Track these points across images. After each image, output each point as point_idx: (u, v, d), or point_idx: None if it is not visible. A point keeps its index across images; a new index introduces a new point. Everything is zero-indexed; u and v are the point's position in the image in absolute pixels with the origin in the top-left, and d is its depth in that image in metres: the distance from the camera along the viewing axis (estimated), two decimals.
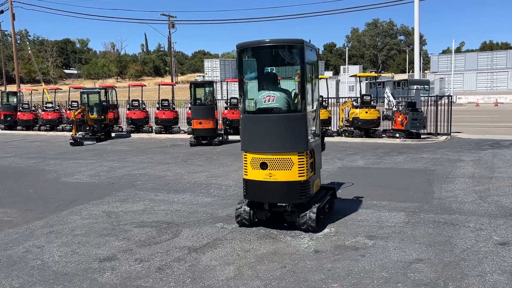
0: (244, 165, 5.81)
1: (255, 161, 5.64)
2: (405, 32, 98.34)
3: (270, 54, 6.06)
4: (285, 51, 5.86)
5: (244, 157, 5.79)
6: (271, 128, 5.56)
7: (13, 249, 5.39)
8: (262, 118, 5.69)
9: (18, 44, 55.55)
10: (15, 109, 24.29)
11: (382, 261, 4.73)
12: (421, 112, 15.90)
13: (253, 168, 5.67)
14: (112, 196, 8.12)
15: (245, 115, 5.82)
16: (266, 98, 5.71)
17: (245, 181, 5.80)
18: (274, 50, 5.94)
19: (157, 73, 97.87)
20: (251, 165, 5.69)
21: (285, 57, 5.93)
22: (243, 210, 5.90)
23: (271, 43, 5.71)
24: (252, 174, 5.68)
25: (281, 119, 5.59)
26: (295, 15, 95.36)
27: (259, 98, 5.77)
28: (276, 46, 5.80)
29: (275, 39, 5.65)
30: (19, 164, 12.43)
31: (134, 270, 4.66)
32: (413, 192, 7.86)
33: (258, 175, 5.62)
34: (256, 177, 5.65)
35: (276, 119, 5.59)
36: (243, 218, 5.91)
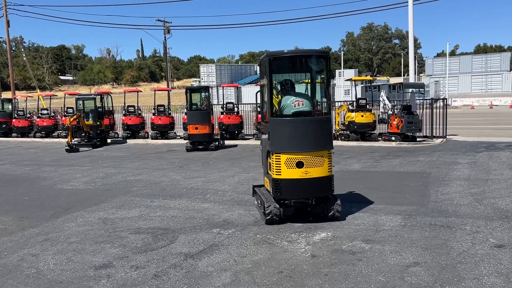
0: (276, 166, 6.05)
1: (291, 161, 6.01)
2: (400, 36, 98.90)
3: (298, 62, 6.62)
4: (313, 60, 6.50)
5: (276, 159, 6.04)
6: (307, 129, 6.06)
7: (7, 257, 5.35)
8: (299, 121, 6.14)
9: (13, 51, 55.45)
10: (10, 116, 24.17)
11: (379, 265, 4.72)
12: (416, 115, 15.96)
13: (288, 167, 6.02)
14: (108, 202, 8.08)
15: (276, 118, 6.16)
16: (296, 102, 6.27)
17: (277, 181, 6.06)
18: (304, 59, 6.57)
19: (153, 79, 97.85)
20: (286, 165, 6.02)
21: (312, 65, 6.54)
22: (274, 207, 6.14)
23: (303, 53, 6.51)
24: (287, 174, 6.02)
25: (314, 121, 6.21)
26: (290, 20, 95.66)
27: (288, 103, 6.25)
28: (306, 55, 6.53)
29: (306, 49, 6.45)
30: (14, 171, 12.36)
31: (130, 277, 4.63)
32: (409, 195, 7.87)
33: (294, 174, 6.00)
34: (292, 175, 6.01)
35: (311, 121, 6.18)
36: (274, 215, 6.14)
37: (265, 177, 6.91)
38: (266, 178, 6.82)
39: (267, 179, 6.69)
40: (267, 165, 6.57)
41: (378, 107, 20.58)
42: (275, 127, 6.10)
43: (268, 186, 6.60)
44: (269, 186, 6.45)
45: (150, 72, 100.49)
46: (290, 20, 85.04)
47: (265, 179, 6.92)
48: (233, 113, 18.63)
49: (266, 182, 6.75)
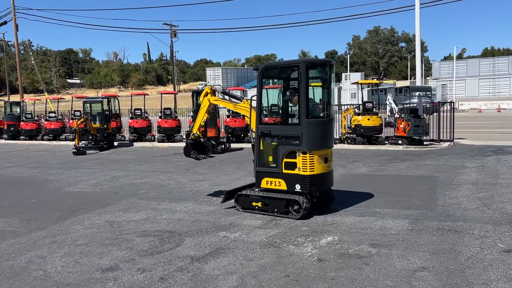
0: (310, 164, 6.62)
1: (321, 157, 6.76)
2: (407, 39, 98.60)
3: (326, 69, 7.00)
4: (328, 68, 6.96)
5: (310, 156, 6.62)
6: (328, 129, 6.96)
7: (15, 259, 5.38)
8: (325, 122, 6.91)
9: (22, 55, 56.04)
10: (18, 119, 24.38)
11: (386, 270, 4.69)
12: (423, 119, 15.89)
13: (319, 163, 6.72)
14: (115, 205, 8.11)
15: (310, 120, 6.66)
16: (315, 106, 6.91)
17: (309, 177, 6.63)
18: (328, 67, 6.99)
19: (160, 82, 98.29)
20: (318, 161, 6.71)
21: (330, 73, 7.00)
22: (307, 202, 6.69)
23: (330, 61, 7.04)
24: (319, 169, 6.72)
25: (331, 122, 7.09)
26: (297, 23, 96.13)
27: (312, 106, 6.84)
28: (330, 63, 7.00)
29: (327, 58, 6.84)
30: (22, 173, 12.45)
31: (137, 280, 4.64)
32: (416, 199, 7.82)
33: (323, 169, 6.80)
34: (322, 170, 6.77)
35: (330, 122, 7.01)
36: (307, 209, 6.70)
37: (275, 179, 6.92)
38: (278, 179, 6.89)
39: (281, 180, 6.86)
40: (282, 166, 6.79)
41: (385, 111, 20.51)
42: (308, 128, 6.62)
43: (283, 186, 6.85)
44: (287, 185, 6.81)
45: (157, 75, 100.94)
46: (296, 24, 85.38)
47: (278, 180, 6.90)
48: (239, 116, 18.63)
49: (281, 182, 6.87)
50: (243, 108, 7.68)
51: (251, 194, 7.18)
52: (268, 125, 7.18)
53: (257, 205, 7.09)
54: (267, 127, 7.05)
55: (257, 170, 7.12)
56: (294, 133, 6.70)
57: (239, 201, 7.32)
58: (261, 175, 7.07)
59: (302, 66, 6.60)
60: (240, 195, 7.33)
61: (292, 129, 6.82)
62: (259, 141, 7.06)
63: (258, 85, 7.06)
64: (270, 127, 7.07)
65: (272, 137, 6.98)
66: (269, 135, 6.96)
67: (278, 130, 7.01)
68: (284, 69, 7.44)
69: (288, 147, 6.76)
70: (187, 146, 8.54)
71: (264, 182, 7.05)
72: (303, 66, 6.59)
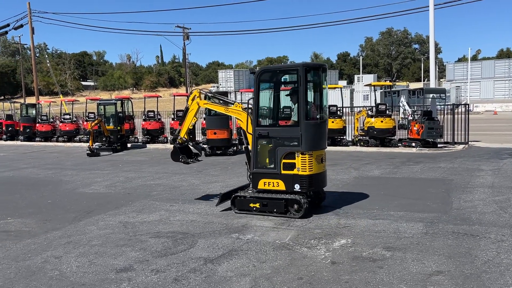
0: (309, 163, 6.81)
1: (319, 157, 7.01)
2: (420, 41, 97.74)
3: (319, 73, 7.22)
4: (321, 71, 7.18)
5: (309, 156, 6.80)
6: (323, 131, 7.20)
7: (31, 259, 5.46)
8: (322, 124, 7.17)
9: (37, 57, 56.87)
10: (34, 120, 24.75)
11: (401, 273, 4.65)
12: (437, 121, 15.72)
13: (317, 163, 6.97)
14: (128, 206, 8.18)
15: (308, 121, 6.84)
16: (313, 108, 7.09)
17: (308, 177, 6.82)
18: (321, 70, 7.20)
19: (172, 84, 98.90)
20: (316, 161, 6.94)
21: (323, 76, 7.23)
22: (307, 201, 6.91)
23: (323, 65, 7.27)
24: (316, 169, 6.95)
25: (325, 123, 7.34)
26: (309, 25, 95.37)
27: (309, 108, 6.99)
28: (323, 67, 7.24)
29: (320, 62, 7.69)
30: (37, 174, 12.64)
31: (151, 281, 4.67)
32: (430, 203, 7.74)
33: (320, 169, 7.06)
34: (319, 170, 7.02)
35: (324, 124, 7.28)
36: (306, 208, 6.88)
37: (273, 180, 7.03)
38: (276, 180, 7.00)
39: (279, 180, 6.98)
40: (280, 167, 6.91)
41: (398, 113, 20.35)
42: (307, 129, 6.79)
43: (282, 186, 6.97)
44: (286, 185, 6.93)
45: (169, 77, 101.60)
46: (308, 26, 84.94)
47: (277, 181, 7.01)
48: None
49: (279, 182, 6.99)
50: (235, 111, 7.64)
51: (247, 196, 7.21)
52: (265, 127, 7.19)
53: (255, 206, 7.14)
54: (264, 129, 7.10)
55: (254, 171, 7.16)
56: (294, 135, 6.84)
57: (236, 203, 7.30)
58: (258, 177, 7.14)
59: (301, 69, 6.76)
60: (236, 197, 7.31)
61: (291, 131, 6.93)
62: (256, 143, 7.10)
63: (255, 88, 7.08)
64: (267, 129, 7.13)
65: (270, 138, 7.06)
66: (267, 136, 7.05)
67: (277, 132, 7.08)
68: (282, 72, 7.73)
69: (287, 148, 6.89)
70: (175, 151, 8.24)
71: (262, 183, 7.11)
72: (302, 70, 6.75)
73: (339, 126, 17.13)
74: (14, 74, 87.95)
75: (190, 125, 8.10)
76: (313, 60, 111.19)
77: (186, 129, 8.07)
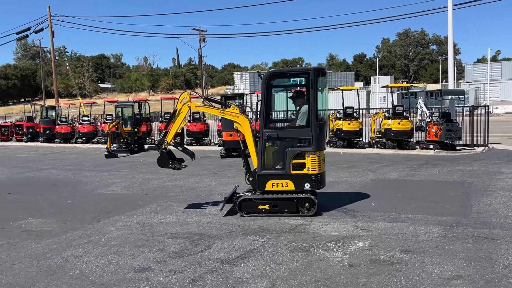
0: (318, 163, 7.09)
1: (322, 157, 7.29)
2: (438, 41, 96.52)
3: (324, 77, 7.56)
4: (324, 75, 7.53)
5: (318, 156, 7.08)
6: (325, 132, 7.38)
7: (52, 258, 5.56)
8: (324, 125, 7.49)
9: (57, 60, 57.93)
10: (53, 122, 25.23)
11: (420, 277, 4.60)
12: (456, 123, 15.50)
13: (323, 163, 7.30)
14: (146, 207, 8.28)
15: (318, 123, 7.12)
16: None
17: (317, 175, 7.12)
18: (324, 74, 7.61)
19: (188, 86, 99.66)
20: (323, 160, 7.32)
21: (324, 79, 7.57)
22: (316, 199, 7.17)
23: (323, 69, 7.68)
24: (322, 168, 7.28)
25: (325, 125, 7.69)
26: (325, 27, 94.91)
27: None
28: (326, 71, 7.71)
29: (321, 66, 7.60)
30: (57, 175, 12.87)
31: (169, 281, 4.72)
32: (449, 206, 7.63)
33: (323, 168, 7.35)
34: (323, 169, 7.34)
35: (327, 125, 7.45)
36: (318, 205, 7.14)
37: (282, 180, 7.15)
38: (285, 181, 7.13)
39: (288, 181, 7.12)
40: (289, 167, 7.07)
41: (415, 115, 20.11)
42: (317, 130, 7.04)
43: (291, 186, 7.11)
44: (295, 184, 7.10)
45: (186, 80, 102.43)
46: (324, 27, 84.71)
47: (286, 182, 7.14)
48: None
49: (288, 183, 7.14)
50: (232, 114, 7.44)
51: (255, 198, 7.23)
52: (275, 129, 7.30)
53: (264, 208, 7.19)
54: (274, 131, 7.19)
55: (261, 173, 7.18)
56: (304, 135, 7.06)
57: (243, 207, 7.25)
58: (265, 178, 7.18)
59: (312, 73, 7.04)
60: (243, 200, 7.26)
61: (302, 132, 7.12)
62: (263, 146, 7.14)
63: (264, 91, 7.08)
64: (277, 130, 7.27)
65: (279, 140, 7.15)
66: (277, 138, 7.13)
67: (287, 133, 7.24)
68: (291, 76, 7.88)
69: (297, 149, 7.06)
70: (163, 156, 7.71)
71: (269, 184, 7.16)
72: (313, 73, 7.03)
73: (355, 128, 17.02)
74: (34, 77, 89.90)
75: (178, 129, 7.77)
76: (329, 62, 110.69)
77: (174, 133, 7.61)
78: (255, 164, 7.34)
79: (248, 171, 7.49)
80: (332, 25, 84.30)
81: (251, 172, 7.41)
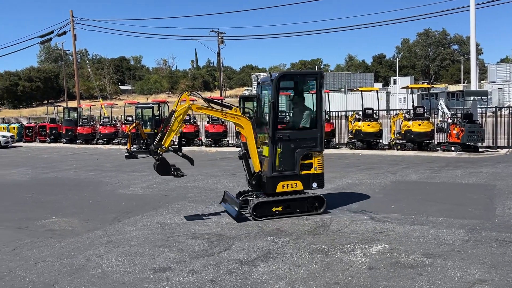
0: (323, 162, 7.39)
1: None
2: (459, 41, 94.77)
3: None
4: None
5: (322, 156, 7.37)
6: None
7: (75, 257, 5.67)
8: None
9: (79, 63, 59.07)
10: (75, 124, 25.73)
11: (442, 281, 4.52)
12: (478, 124, 15.18)
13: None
14: (165, 207, 8.36)
15: (323, 124, 7.39)
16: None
17: (323, 175, 7.42)
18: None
19: (207, 88, 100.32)
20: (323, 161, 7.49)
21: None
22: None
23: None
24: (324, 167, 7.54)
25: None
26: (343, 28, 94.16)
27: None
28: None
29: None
30: (79, 176, 13.12)
31: (188, 281, 4.76)
32: (472, 209, 7.48)
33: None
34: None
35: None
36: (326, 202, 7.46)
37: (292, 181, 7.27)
38: (295, 181, 7.27)
39: (297, 181, 7.27)
40: (299, 168, 7.21)
41: (436, 116, 19.80)
42: (322, 131, 7.34)
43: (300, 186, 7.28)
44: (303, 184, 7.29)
45: (204, 81, 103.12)
46: (342, 28, 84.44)
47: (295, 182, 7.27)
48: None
49: (297, 183, 7.29)
50: (234, 116, 7.30)
51: (268, 201, 7.21)
52: (285, 131, 7.31)
53: (278, 210, 7.21)
54: (285, 132, 7.22)
55: (272, 175, 7.17)
56: (312, 136, 7.26)
57: (257, 211, 7.13)
58: (276, 180, 7.20)
59: (319, 76, 7.34)
60: (258, 204, 7.13)
61: (310, 133, 7.30)
62: (274, 147, 7.13)
63: (274, 92, 7.08)
64: (287, 132, 7.28)
65: (290, 141, 7.17)
66: (288, 139, 7.16)
67: (297, 134, 7.31)
68: (301, 77, 8.23)
69: (306, 149, 7.22)
70: (164, 163, 7.15)
71: (280, 186, 7.21)
72: (320, 76, 7.34)
73: (375, 129, 16.84)
74: (57, 79, 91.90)
75: (177, 133, 7.19)
76: (347, 63, 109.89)
77: (171, 137, 7.05)
78: (256, 167, 7.33)
79: (250, 174, 7.47)
80: (351, 26, 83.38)
81: (253, 175, 7.39)
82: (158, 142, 7.02)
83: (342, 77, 69.00)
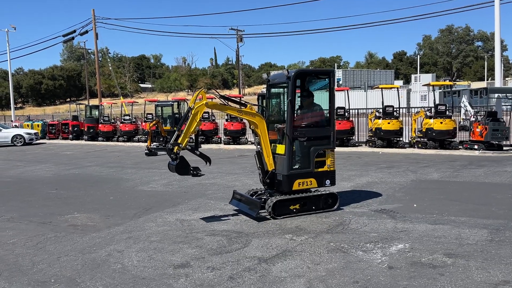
0: (334, 160, 7.48)
1: None
2: (483, 38, 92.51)
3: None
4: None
5: (334, 154, 7.45)
6: None
7: (96, 252, 5.78)
8: None
9: (100, 61, 60.07)
10: (97, 121, 26.20)
11: (464, 282, 4.43)
12: (503, 122, 14.82)
13: None
14: (185, 204, 8.43)
15: (334, 121, 7.54)
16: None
17: (335, 172, 7.52)
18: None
19: (225, 86, 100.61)
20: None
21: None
22: None
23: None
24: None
25: None
26: (363, 25, 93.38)
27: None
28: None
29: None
30: (100, 172, 13.35)
31: (207, 278, 4.79)
32: (496, 208, 7.31)
33: None
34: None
35: None
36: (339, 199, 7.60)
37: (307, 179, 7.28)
38: (310, 179, 7.30)
39: (312, 179, 7.31)
40: (313, 165, 7.26)
41: (459, 114, 19.41)
42: (334, 128, 7.44)
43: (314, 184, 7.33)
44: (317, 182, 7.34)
45: (223, 79, 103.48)
46: (362, 25, 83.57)
47: (310, 180, 7.31)
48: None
49: (312, 181, 7.33)
50: (250, 114, 7.22)
51: (286, 199, 7.19)
52: (302, 128, 7.24)
53: (295, 208, 7.24)
54: (301, 130, 7.19)
55: (289, 174, 7.14)
56: (326, 134, 7.35)
57: (276, 210, 7.10)
58: (293, 178, 7.18)
59: (333, 74, 7.52)
60: (277, 203, 7.10)
61: (325, 130, 7.37)
62: (291, 146, 7.11)
63: (291, 90, 7.01)
64: (304, 130, 7.22)
65: (307, 139, 7.19)
66: (304, 137, 7.17)
67: (313, 132, 7.31)
68: (317, 75, 8.30)
69: (320, 147, 7.29)
70: (182, 162, 6.96)
71: (297, 184, 7.21)
72: (333, 74, 7.53)
73: (395, 127, 16.63)
74: (79, 78, 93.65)
75: (194, 131, 7.00)
76: (367, 60, 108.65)
77: (188, 135, 6.89)
78: (269, 165, 7.29)
79: (264, 173, 7.45)
80: (371, 23, 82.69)
81: (267, 174, 7.36)
82: (174, 141, 6.84)
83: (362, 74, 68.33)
